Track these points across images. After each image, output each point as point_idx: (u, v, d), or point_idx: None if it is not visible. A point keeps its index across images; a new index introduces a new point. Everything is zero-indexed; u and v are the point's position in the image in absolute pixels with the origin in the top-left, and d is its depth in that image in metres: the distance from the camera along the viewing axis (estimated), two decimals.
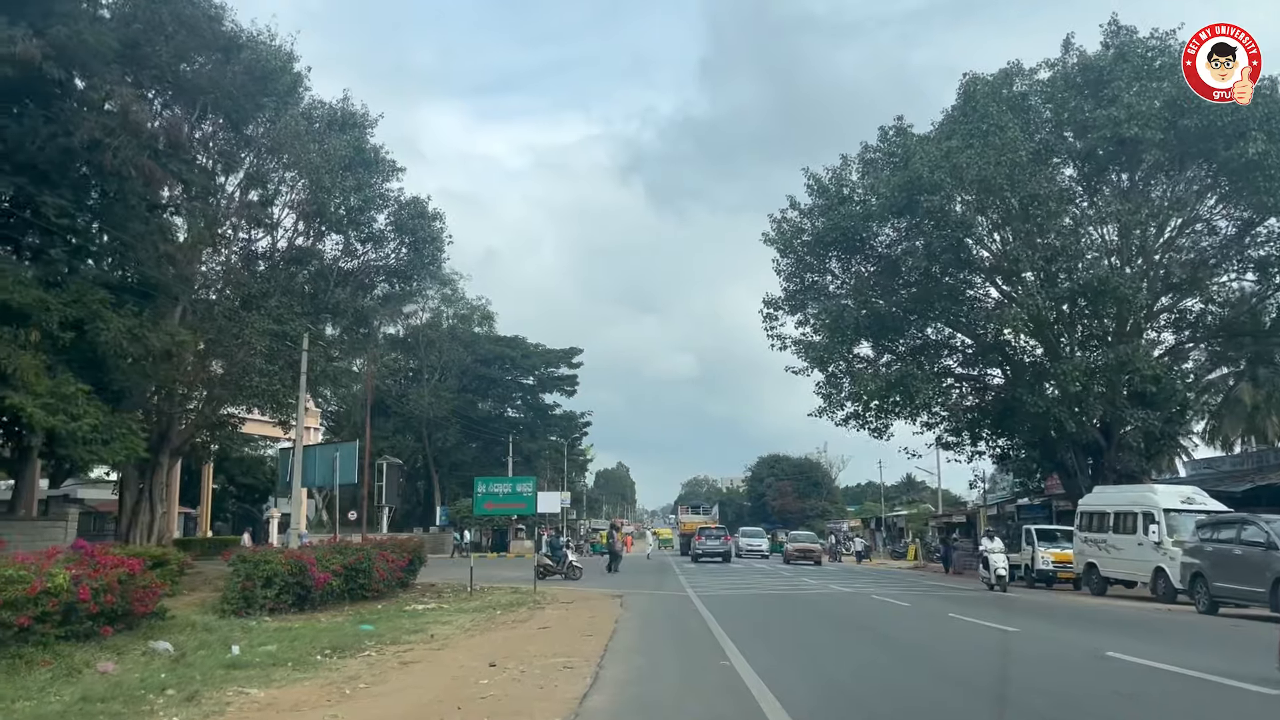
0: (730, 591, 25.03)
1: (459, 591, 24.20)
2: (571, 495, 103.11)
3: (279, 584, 17.80)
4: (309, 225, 34.31)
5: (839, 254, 34.66)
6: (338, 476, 26.74)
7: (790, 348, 34.48)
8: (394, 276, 36.97)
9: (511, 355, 68.20)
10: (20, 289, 18.27)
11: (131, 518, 31.36)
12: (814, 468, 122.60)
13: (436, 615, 18.23)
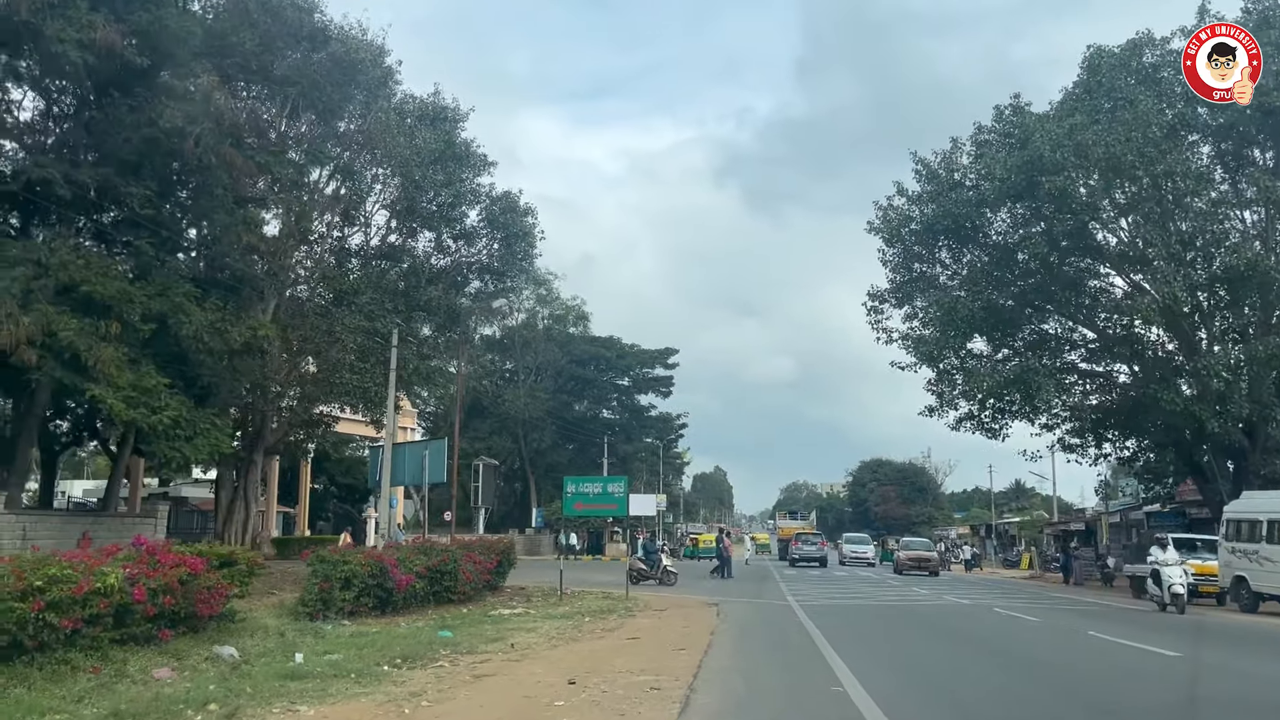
0: (836, 601, 23.38)
1: (549, 596, 23.18)
2: (668, 499, 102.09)
3: (358, 586, 16.98)
4: (401, 222, 34.02)
5: (949, 243, 32.56)
6: (427, 475, 26.04)
7: (897, 342, 32.57)
8: (486, 273, 36.41)
9: (606, 355, 67.36)
10: (103, 281, 17.96)
11: (227, 515, 31.42)
12: (918, 473, 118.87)
13: (521, 621, 17.16)
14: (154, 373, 17.92)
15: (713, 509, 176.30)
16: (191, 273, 20.59)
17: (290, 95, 23.21)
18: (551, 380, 68.22)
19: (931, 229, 31.85)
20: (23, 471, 19.16)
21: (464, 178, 32.76)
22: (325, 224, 31.79)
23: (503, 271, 36.11)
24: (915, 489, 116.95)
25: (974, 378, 30.56)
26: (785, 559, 55.68)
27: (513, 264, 35.51)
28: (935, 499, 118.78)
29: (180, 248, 20.64)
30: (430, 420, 68.05)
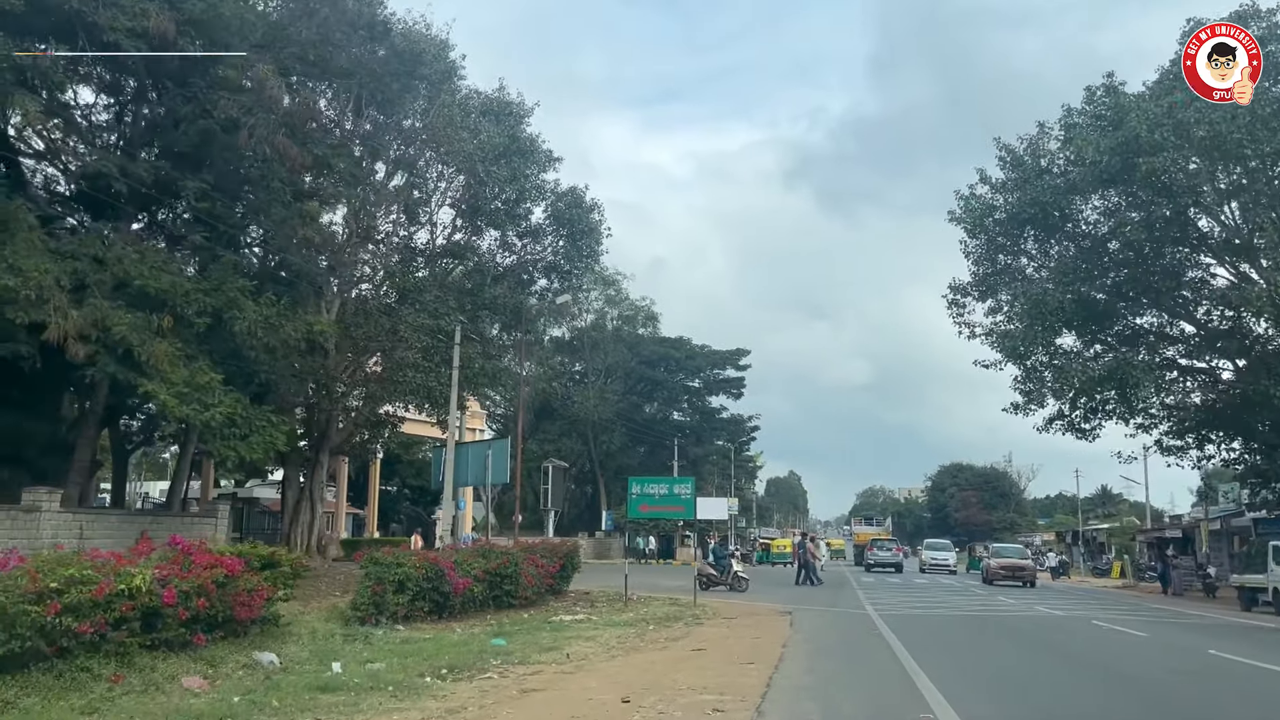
0: (917, 610, 22.00)
1: (614, 601, 22.28)
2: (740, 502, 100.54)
3: (412, 589, 16.28)
4: (466, 220, 33.54)
5: (1036, 233, 30.86)
6: (490, 475, 25.38)
7: (980, 338, 30.94)
8: (552, 271, 35.73)
9: (675, 356, 66.31)
10: (156, 275, 17.59)
11: (293, 516, 31.20)
12: (1000, 477, 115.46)
13: (581, 629, 16.26)
14: (208, 369, 17.48)
15: (786, 514, 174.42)
16: (249, 268, 20.20)
17: (351, 88, 22.69)
18: (621, 382, 67.49)
19: (1016, 218, 30.21)
20: (82, 469, 18.94)
21: (529, 173, 32.13)
22: (391, 222, 31.53)
23: (569, 269, 35.42)
24: (997, 494, 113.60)
25: (1064, 374, 28.83)
26: (860, 564, 56.27)
27: (578, 260, 34.76)
28: (1018, 505, 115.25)
29: (236, 242, 20.25)
30: (500, 422, 67.87)
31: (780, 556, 61.29)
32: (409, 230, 32.75)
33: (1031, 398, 30.13)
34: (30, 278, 14.66)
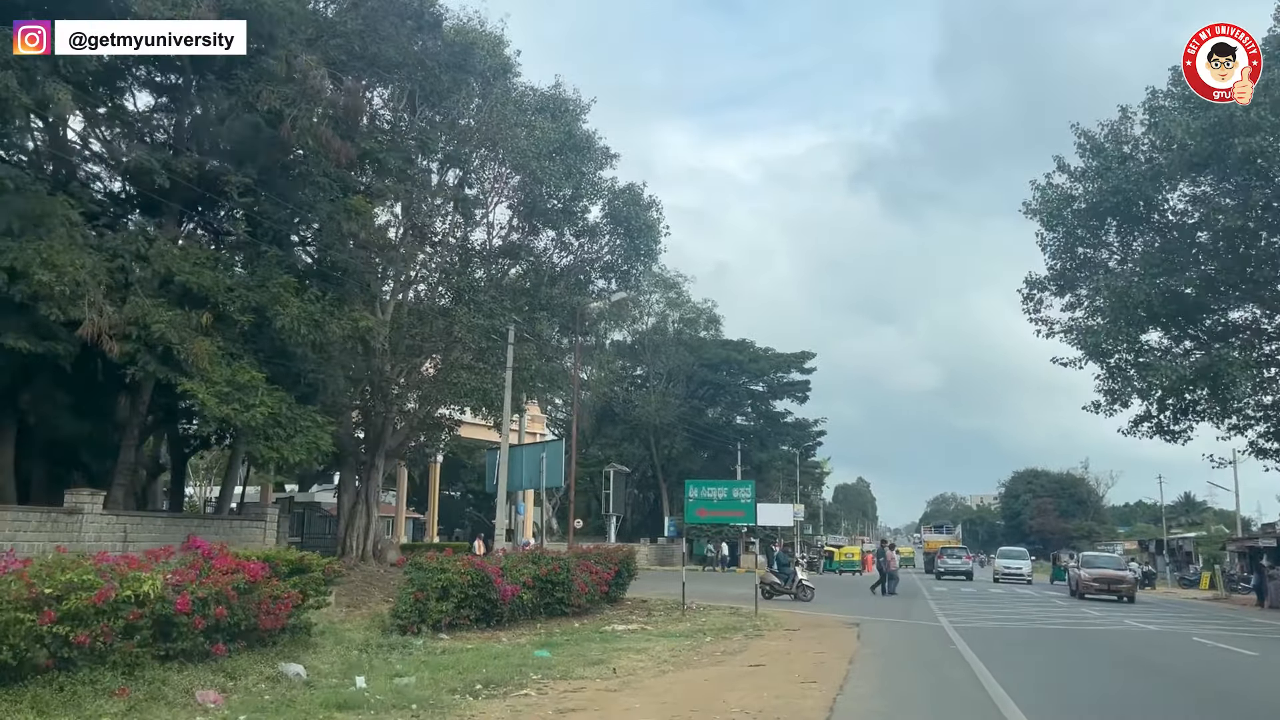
0: (995, 623, 20.59)
1: (671, 610, 21.32)
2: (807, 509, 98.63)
3: (456, 597, 15.52)
4: (523, 220, 32.94)
5: (1117, 223, 29.10)
6: (544, 478, 24.61)
7: (1058, 335, 29.31)
8: (609, 271, 34.96)
9: (739, 359, 65.08)
10: (198, 271, 17.16)
11: (349, 520, 30.85)
12: (1077, 484, 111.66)
13: (633, 640, 15.31)
14: (250, 367, 16.98)
15: (855, 521, 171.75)
16: (296, 266, 19.70)
17: (401, 83, 22.14)
18: (683, 386, 66.49)
19: (1097, 208, 28.53)
20: (126, 471, 18.61)
21: (584, 171, 31.41)
22: (448, 223, 31.07)
23: (626, 269, 34.62)
24: (1074, 501, 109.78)
25: (1151, 372, 27.05)
26: (930, 572, 56.43)
27: (636, 260, 33.92)
28: (1096, 512, 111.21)
29: (283, 240, 19.77)
30: (562, 426, 67.40)
31: (848, 564, 59.67)
32: (465, 230, 32.34)
33: (1116, 397, 28.37)
34: (65, 273, 14.23)
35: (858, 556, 63.16)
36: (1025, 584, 46.08)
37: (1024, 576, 47.89)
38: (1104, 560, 37.35)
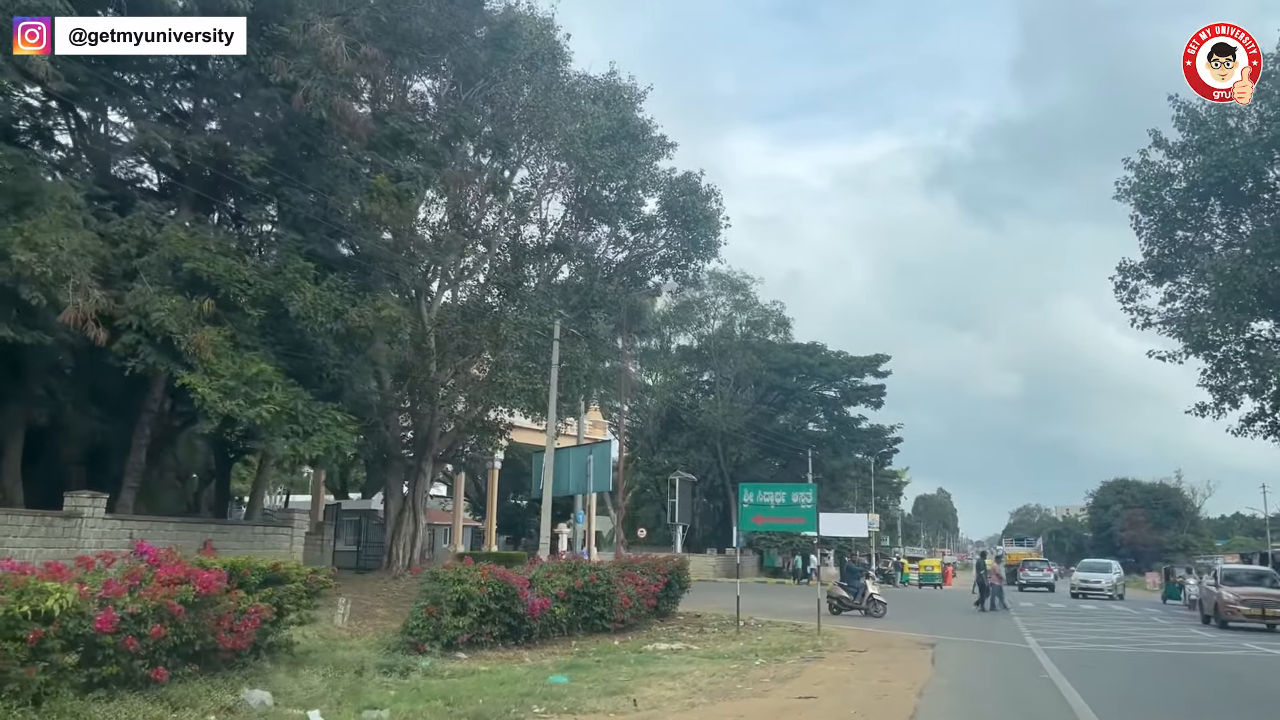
0: (1091, 645, 18.18)
1: (726, 626, 19.45)
2: (884, 520, 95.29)
3: (475, 611, 13.93)
4: (577, 215, 31.49)
5: (1223, 203, 26.35)
6: (592, 482, 22.98)
7: (1156, 325, 26.66)
8: (666, 266, 33.26)
9: (809, 363, 62.62)
10: (210, 258, 15.94)
11: (395, 528, 29.67)
12: (1172, 494, 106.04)
13: (672, 662, 13.51)
14: (258, 359, 15.68)
15: (935, 532, 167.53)
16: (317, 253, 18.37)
17: (432, 56, 20.78)
18: (751, 391, 64.36)
19: (1198, 187, 25.83)
20: (136, 473, 17.52)
21: (639, 160, 29.79)
22: (496, 217, 29.78)
23: (685, 264, 32.86)
24: (1168, 513, 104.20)
25: (1264, 365, 24.25)
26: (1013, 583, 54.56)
27: (695, 252, 32.14)
28: (1193, 524, 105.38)
29: (301, 224, 18.50)
30: (628, 434, 65.81)
31: (927, 578, 56.75)
32: (516, 225, 31.00)
33: (1225, 395, 25.55)
34: (47, 252, 13.04)
35: (938, 569, 60.13)
36: (1111, 599, 42.47)
37: (1103, 591, 43.77)
38: (1245, 575, 27.41)
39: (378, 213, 17.42)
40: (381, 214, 17.45)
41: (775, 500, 18.69)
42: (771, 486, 20.48)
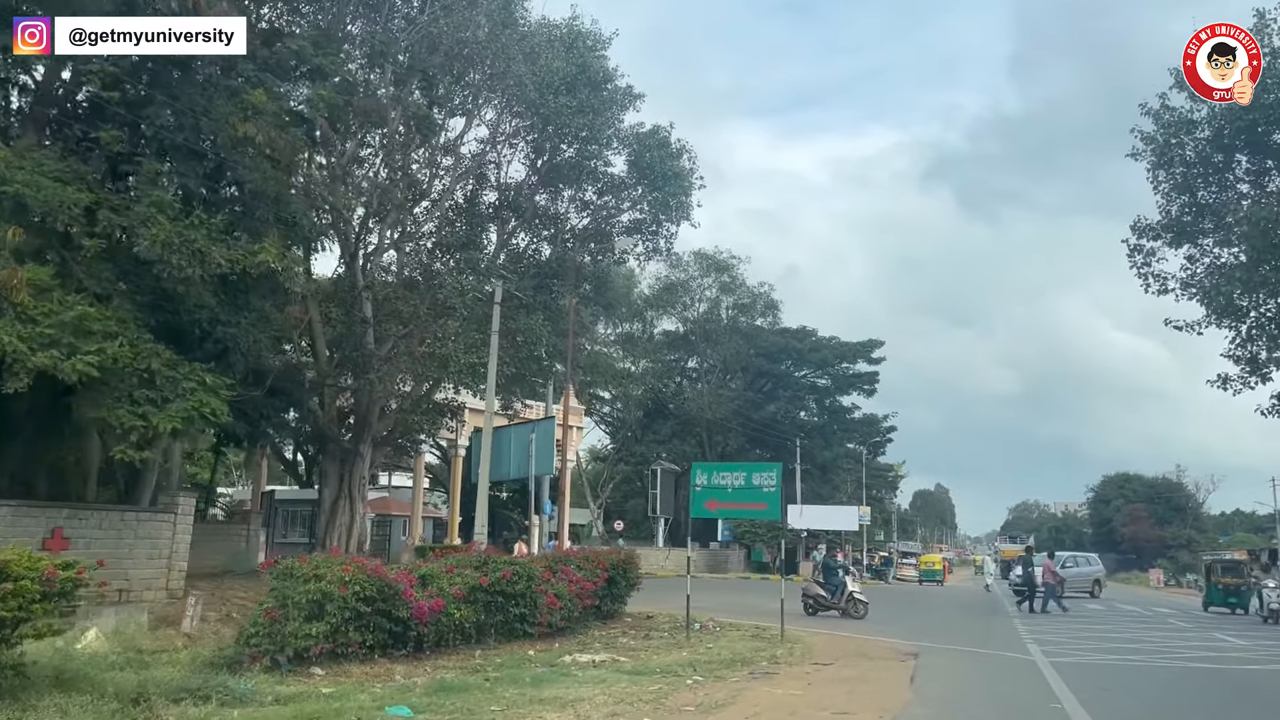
0: (1107, 658, 15.25)
1: (678, 630, 16.58)
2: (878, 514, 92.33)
3: (335, 616, 11.01)
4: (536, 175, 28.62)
5: (1250, 155, 23.44)
6: (534, 464, 20.07)
7: (1174, 291, 23.78)
8: (635, 232, 30.34)
9: (799, 348, 59.62)
10: (38, 183, 13.00)
11: (329, 518, 26.85)
12: (1175, 489, 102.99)
13: (579, 681, 10.63)
14: (83, 301, 12.75)
15: (933, 528, 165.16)
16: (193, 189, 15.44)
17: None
18: (739, 378, 61.51)
19: (1222, 136, 22.92)
20: None
21: (605, 113, 26.86)
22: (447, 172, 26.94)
23: (654, 227, 29.93)
24: (1170, 508, 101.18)
25: None
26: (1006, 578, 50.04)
27: (665, 215, 29.22)
28: (1196, 519, 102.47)
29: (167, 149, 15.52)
30: (610, 423, 62.88)
31: (929, 574, 53.58)
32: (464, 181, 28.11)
33: (1254, 368, 22.60)
34: None
35: (940, 564, 56.90)
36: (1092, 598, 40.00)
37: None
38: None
39: (253, 135, 14.46)
40: (257, 136, 14.48)
41: (733, 482, 15.79)
42: (729, 466, 17.56)
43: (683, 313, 59.85)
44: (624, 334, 60.79)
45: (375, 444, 27.82)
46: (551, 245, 29.72)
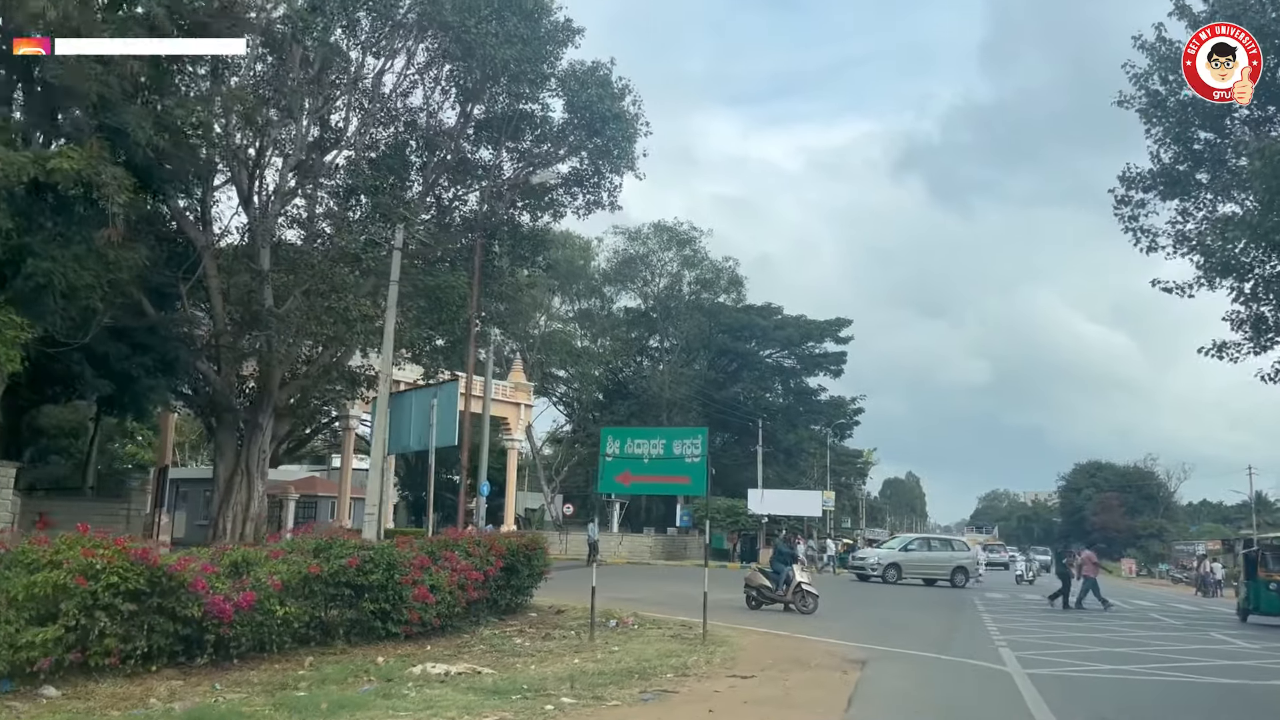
0: (1097, 667, 12.62)
1: (584, 629, 13.82)
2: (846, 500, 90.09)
3: (74, 617, 8.12)
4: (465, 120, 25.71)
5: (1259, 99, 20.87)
6: (435, 433, 17.23)
7: (1165, 248, 21.27)
8: (575, 184, 27.43)
9: (763, 325, 56.98)
10: None
11: (224, 497, 23.92)
12: (1146, 478, 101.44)
13: (403, 706, 7.83)
14: None
15: (902, 516, 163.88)
16: None
17: None
18: (702, 358, 58.85)
19: None
20: None
21: (528, 37, 23.86)
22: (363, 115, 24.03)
23: (595, 179, 27.02)
24: (1141, 497, 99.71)
25: None
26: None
27: (606, 163, 26.35)
28: (1167, 509, 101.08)
29: None
30: (567, 403, 59.85)
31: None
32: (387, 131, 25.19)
33: (1259, 328, 20.05)
34: None
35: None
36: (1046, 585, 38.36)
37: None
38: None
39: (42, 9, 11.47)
40: (48, 11, 11.50)
41: (651, 451, 13.01)
42: (646, 432, 14.72)
43: (643, 288, 57.12)
44: (581, 310, 57.93)
45: (278, 415, 24.89)
46: (485, 199, 26.81)
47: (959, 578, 33.11)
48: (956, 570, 33.41)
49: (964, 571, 33.65)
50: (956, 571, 33.35)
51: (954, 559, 34.53)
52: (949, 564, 33.89)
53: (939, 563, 34.01)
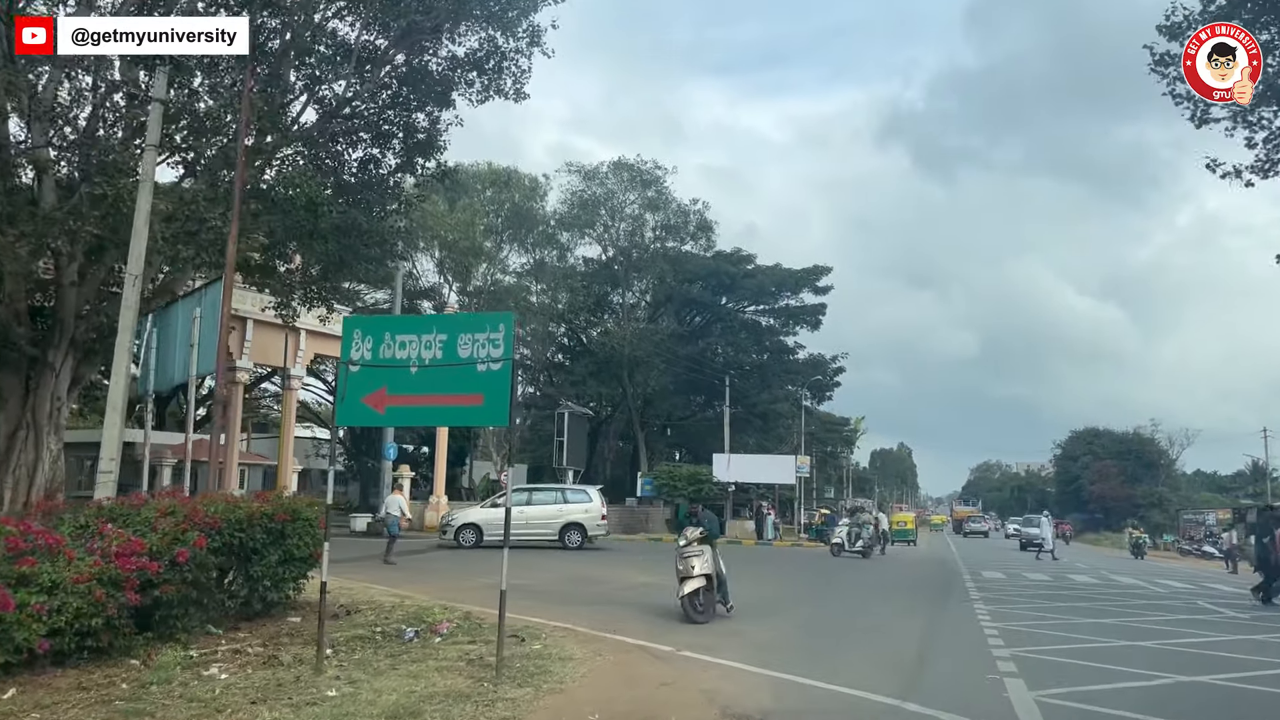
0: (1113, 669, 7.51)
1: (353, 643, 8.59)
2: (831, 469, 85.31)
3: None
4: None
5: None
6: (196, 359, 11.88)
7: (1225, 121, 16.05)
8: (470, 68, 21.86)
9: (733, 273, 51.44)
10: None
11: (4, 455, 18.65)
12: (1146, 444, 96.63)
13: None
14: None
15: (892, 488, 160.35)
16: None
17: None
18: (668, 311, 53.49)
19: None
20: None
21: None
22: None
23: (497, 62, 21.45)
24: (1141, 465, 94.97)
25: None
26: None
27: (503, 30, 20.85)
28: (1168, 477, 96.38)
29: None
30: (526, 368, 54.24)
31: (901, 534, 44.36)
32: None
33: None
34: None
35: (912, 524, 48.06)
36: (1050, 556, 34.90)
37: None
38: None
39: None
40: None
41: (422, 352, 7.69)
42: (415, 322, 9.39)
43: (603, 234, 51.52)
44: (536, 261, 52.35)
45: (79, 354, 19.46)
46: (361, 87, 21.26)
47: (571, 536, 26.27)
48: (568, 528, 26.40)
49: (580, 529, 26.45)
50: (567, 529, 26.37)
51: (564, 514, 26.69)
52: (556, 521, 26.47)
53: (541, 520, 26.20)
